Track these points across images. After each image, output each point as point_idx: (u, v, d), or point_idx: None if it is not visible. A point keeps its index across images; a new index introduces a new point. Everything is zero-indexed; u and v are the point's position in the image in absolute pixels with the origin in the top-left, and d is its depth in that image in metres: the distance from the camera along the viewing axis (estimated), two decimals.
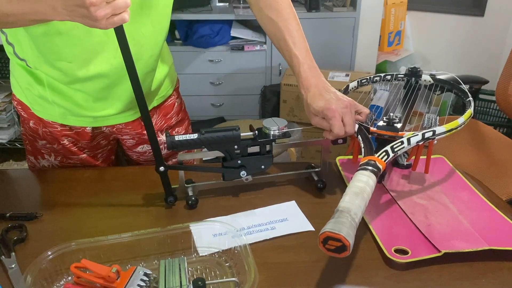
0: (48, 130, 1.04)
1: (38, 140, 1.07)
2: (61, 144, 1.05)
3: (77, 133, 1.04)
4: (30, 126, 1.05)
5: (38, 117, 1.03)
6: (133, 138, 1.10)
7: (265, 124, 0.92)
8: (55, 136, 1.04)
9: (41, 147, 1.08)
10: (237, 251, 0.74)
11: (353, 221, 0.66)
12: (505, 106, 1.78)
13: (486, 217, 0.86)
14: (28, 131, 1.07)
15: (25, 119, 1.05)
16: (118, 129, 1.07)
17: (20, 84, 1.01)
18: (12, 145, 2.79)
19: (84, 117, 1.02)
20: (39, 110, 1.02)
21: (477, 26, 2.87)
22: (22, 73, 0.98)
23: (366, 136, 0.89)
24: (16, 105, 1.05)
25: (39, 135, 1.05)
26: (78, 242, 0.73)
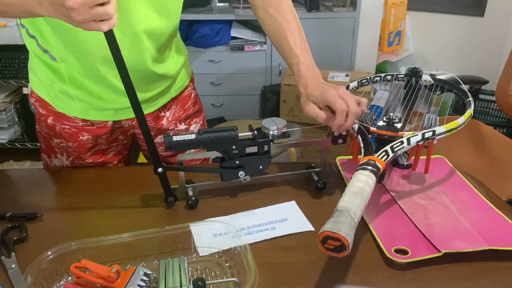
0: (68, 126, 1.04)
1: (53, 138, 1.07)
2: (78, 141, 1.05)
3: (98, 128, 1.05)
4: (48, 123, 1.05)
5: (58, 113, 1.03)
6: (152, 130, 1.10)
7: (264, 124, 0.92)
8: (75, 132, 1.04)
9: (55, 145, 1.08)
10: (237, 251, 0.74)
11: (352, 221, 0.66)
12: (505, 106, 1.78)
13: (486, 217, 0.86)
14: (43, 129, 1.08)
15: (42, 116, 1.06)
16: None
17: (41, 80, 1.02)
18: (12, 145, 2.79)
19: (106, 110, 1.03)
20: (60, 105, 1.02)
21: (477, 26, 2.87)
22: (43, 68, 0.99)
23: (366, 136, 0.89)
24: (34, 102, 1.06)
25: (55, 132, 1.06)
26: (78, 242, 0.73)
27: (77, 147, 1.06)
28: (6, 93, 2.69)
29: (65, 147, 1.07)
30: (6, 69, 2.63)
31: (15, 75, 2.64)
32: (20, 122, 2.77)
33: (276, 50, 1.01)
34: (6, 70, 2.63)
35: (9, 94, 2.71)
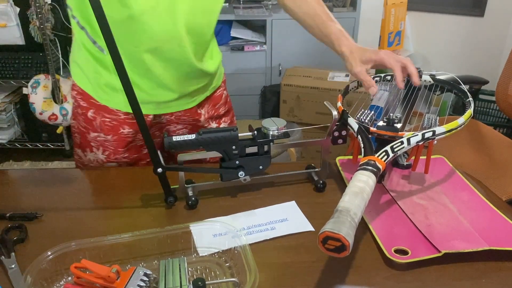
0: (109, 119, 1.05)
1: (90, 132, 1.08)
2: (118, 135, 1.07)
3: None
4: (87, 117, 1.06)
5: (100, 106, 1.05)
6: (186, 127, 1.14)
7: (264, 124, 0.92)
8: (116, 125, 1.06)
9: (92, 139, 1.08)
10: (237, 251, 0.74)
11: (352, 221, 0.66)
12: (505, 106, 1.78)
13: (486, 217, 0.86)
14: (81, 123, 1.08)
15: (82, 109, 1.07)
16: (177, 117, 1.11)
17: (86, 73, 1.04)
18: (12, 145, 2.79)
19: (148, 104, 1.04)
20: (104, 98, 1.04)
21: (477, 26, 2.87)
22: (90, 61, 1.01)
23: (366, 136, 0.89)
24: (76, 95, 1.07)
25: (93, 126, 1.07)
26: (78, 242, 0.73)
27: (116, 140, 1.07)
28: (6, 93, 2.70)
29: (103, 141, 1.08)
30: (6, 69, 2.63)
31: (15, 75, 2.64)
32: (20, 122, 2.78)
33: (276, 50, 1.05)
34: (6, 70, 2.63)
35: (9, 94, 2.71)
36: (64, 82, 2.58)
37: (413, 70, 0.98)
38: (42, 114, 2.52)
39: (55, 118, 2.54)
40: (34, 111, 2.52)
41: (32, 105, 2.50)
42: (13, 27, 2.51)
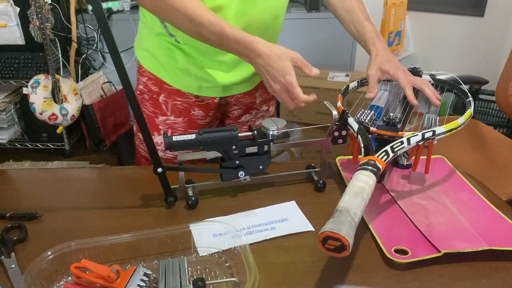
0: (181, 101, 1.13)
1: (159, 115, 1.14)
2: (189, 116, 1.14)
3: (207, 104, 1.15)
4: (158, 101, 1.13)
5: (172, 90, 1.12)
6: (241, 108, 1.23)
7: (264, 124, 0.92)
8: (187, 108, 1.13)
9: (160, 123, 1.15)
10: (237, 251, 0.74)
11: (352, 221, 0.66)
12: (505, 106, 1.78)
13: (486, 217, 0.86)
14: (148, 108, 1.15)
15: (153, 94, 1.13)
16: (236, 99, 1.19)
17: (160, 60, 1.11)
18: (12, 145, 2.79)
19: (216, 87, 1.12)
20: (178, 82, 1.11)
21: (477, 26, 2.87)
22: (166, 48, 1.08)
23: (366, 136, 0.89)
24: (146, 81, 1.14)
25: (162, 110, 1.13)
26: (78, 242, 0.73)
27: (186, 121, 1.15)
28: (6, 93, 2.70)
29: (172, 123, 1.15)
30: (6, 69, 2.63)
31: (15, 75, 2.64)
32: (20, 122, 2.78)
33: None
34: (6, 70, 2.63)
35: (9, 94, 2.71)
36: (64, 82, 2.58)
37: (429, 93, 1.01)
38: (42, 114, 2.52)
39: (55, 118, 2.55)
40: (34, 111, 2.52)
41: (32, 105, 2.50)
42: (13, 27, 2.51)
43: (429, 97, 1.01)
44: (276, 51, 0.91)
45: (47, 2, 2.44)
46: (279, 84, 0.92)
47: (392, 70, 1.02)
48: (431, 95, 1.01)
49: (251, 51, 0.91)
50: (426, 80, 1.06)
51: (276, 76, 0.91)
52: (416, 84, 1.02)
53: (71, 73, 2.79)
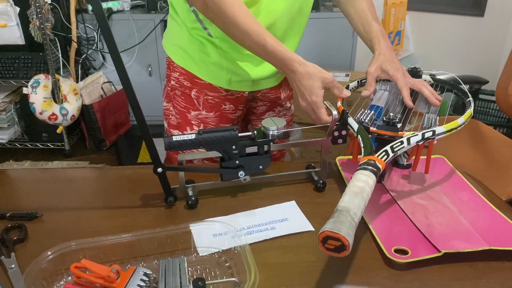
0: (212, 96, 1.15)
1: (191, 110, 1.16)
2: (220, 111, 1.17)
3: (237, 98, 1.17)
4: (190, 96, 1.15)
5: (204, 84, 1.13)
6: (266, 104, 1.26)
7: (264, 124, 0.92)
8: (218, 102, 1.15)
9: (192, 117, 1.17)
10: (237, 251, 0.74)
11: (352, 221, 0.66)
12: (505, 106, 1.78)
13: (486, 217, 0.86)
14: (180, 103, 1.17)
15: (185, 89, 1.15)
16: (262, 94, 1.22)
17: (192, 55, 1.12)
18: (12, 145, 2.79)
19: (246, 81, 1.15)
20: (209, 75, 1.13)
21: (477, 26, 2.87)
22: (198, 42, 1.10)
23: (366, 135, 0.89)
24: (178, 76, 1.15)
25: (194, 105, 1.15)
26: (78, 242, 0.73)
27: (218, 116, 1.17)
28: (6, 93, 2.70)
29: (204, 118, 1.17)
30: (6, 69, 2.63)
31: (15, 75, 2.64)
32: (20, 122, 2.78)
33: None
34: (6, 70, 2.63)
35: (9, 94, 2.71)
36: (64, 82, 2.58)
37: (427, 93, 1.02)
38: (42, 114, 2.52)
39: (55, 118, 2.55)
40: (34, 111, 2.52)
41: (32, 105, 2.50)
42: (13, 27, 2.51)
43: (428, 97, 1.02)
44: (309, 70, 0.95)
45: (47, 2, 2.44)
46: (305, 102, 0.97)
47: (392, 71, 1.03)
48: (430, 96, 1.02)
49: (287, 67, 0.96)
50: (425, 82, 1.07)
51: (304, 93, 0.96)
52: (415, 86, 1.04)
53: (71, 73, 2.79)
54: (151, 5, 2.79)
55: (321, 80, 0.94)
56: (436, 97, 1.02)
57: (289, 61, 0.95)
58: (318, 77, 0.94)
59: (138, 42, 2.79)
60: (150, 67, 2.92)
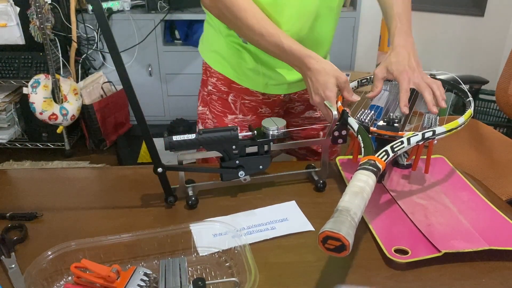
0: (249, 100, 1.17)
1: (228, 114, 1.19)
2: (257, 114, 1.19)
3: (274, 101, 1.19)
4: (227, 100, 1.18)
5: (241, 89, 1.16)
6: (303, 104, 1.26)
7: (264, 124, 0.92)
8: (255, 106, 1.18)
9: (229, 121, 1.19)
10: (237, 251, 0.74)
11: (352, 221, 0.66)
12: (505, 106, 1.78)
13: (486, 217, 0.86)
14: (217, 108, 1.19)
15: (222, 93, 1.17)
16: (299, 95, 1.23)
17: (229, 61, 1.14)
18: (12, 145, 2.79)
19: (281, 85, 1.16)
20: (246, 81, 1.15)
21: (477, 26, 2.87)
22: (235, 49, 1.12)
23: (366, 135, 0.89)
24: (216, 81, 1.17)
25: (231, 109, 1.18)
26: (78, 242, 0.73)
27: (255, 119, 1.19)
28: (6, 93, 2.70)
29: (241, 121, 1.19)
30: (6, 69, 2.63)
31: (15, 75, 2.64)
32: (20, 122, 2.78)
33: None
34: (6, 70, 2.63)
35: (9, 94, 2.71)
36: (64, 82, 2.58)
37: (428, 99, 0.97)
38: (42, 114, 2.52)
39: (55, 118, 2.55)
40: (34, 111, 2.52)
41: (32, 105, 2.50)
42: (13, 27, 2.51)
43: (428, 103, 0.97)
44: (325, 66, 0.96)
45: (47, 2, 2.44)
46: (319, 98, 0.97)
47: (396, 72, 1.00)
48: (429, 102, 0.97)
49: (304, 65, 0.97)
50: (439, 83, 1.00)
51: (318, 89, 0.96)
52: (420, 88, 0.99)
53: (71, 73, 2.79)
54: (151, 5, 2.79)
55: (336, 77, 0.96)
56: (439, 104, 0.98)
57: (306, 58, 0.96)
58: (333, 74, 0.96)
59: (138, 42, 2.79)
60: (150, 67, 2.92)
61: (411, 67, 0.99)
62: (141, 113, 0.82)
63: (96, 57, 2.90)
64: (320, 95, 0.97)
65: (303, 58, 0.97)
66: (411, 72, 0.99)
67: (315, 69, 0.96)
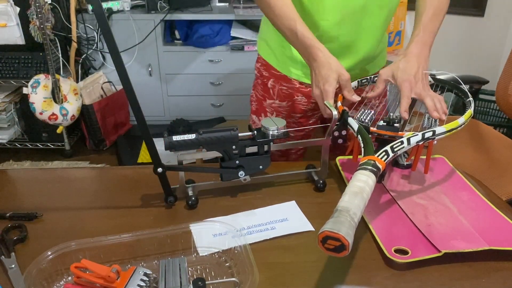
0: (286, 87, 1.21)
1: (267, 99, 1.25)
2: (293, 101, 1.22)
3: (310, 90, 1.18)
4: (267, 85, 1.23)
5: (280, 76, 1.20)
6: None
7: (263, 124, 0.92)
8: (291, 93, 1.21)
9: (267, 105, 1.25)
10: (237, 251, 0.74)
11: (352, 221, 0.66)
12: (505, 106, 1.78)
13: (486, 217, 0.86)
14: (259, 92, 1.26)
15: (264, 79, 1.24)
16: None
17: (272, 47, 1.20)
18: (12, 145, 2.79)
19: None
20: (285, 68, 1.19)
21: (477, 26, 2.87)
22: (276, 36, 1.13)
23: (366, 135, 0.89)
24: (260, 66, 1.26)
25: (270, 94, 1.23)
26: (78, 242, 0.73)
27: (289, 106, 1.23)
28: (6, 93, 2.70)
29: (277, 107, 1.24)
30: (6, 69, 2.63)
31: (15, 75, 2.64)
32: (20, 122, 2.78)
33: None
34: (6, 70, 2.63)
35: (9, 94, 2.71)
36: (64, 82, 2.58)
37: (429, 105, 0.96)
38: (42, 114, 2.52)
39: (55, 118, 2.54)
40: (34, 111, 2.52)
41: (32, 105, 2.50)
42: (13, 27, 2.51)
43: (428, 108, 0.96)
44: (330, 61, 0.97)
45: (47, 2, 2.44)
46: (318, 90, 0.98)
47: (400, 80, 0.98)
48: (430, 107, 0.96)
49: (311, 55, 0.99)
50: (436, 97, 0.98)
51: (319, 81, 0.98)
52: (421, 97, 0.97)
53: (71, 73, 2.79)
54: (151, 5, 2.79)
55: (338, 74, 0.97)
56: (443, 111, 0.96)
57: (314, 49, 0.98)
58: (336, 70, 0.97)
59: (138, 42, 2.79)
60: (150, 67, 2.92)
61: (416, 78, 0.97)
62: (141, 113, 0.82)
63: (96, 57, 2.90)
64: (320, 88, 0.97)
65: (311, 49, 0.98)
66: (414, 82, 0.97)
67: (320, 61, 0.98)
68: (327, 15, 1.06)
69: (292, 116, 1.24)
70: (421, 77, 0.98)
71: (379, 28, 1.13)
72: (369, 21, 1.09)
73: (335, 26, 1.06)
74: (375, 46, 1.16)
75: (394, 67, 1.01)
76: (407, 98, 0.96)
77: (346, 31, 1.08)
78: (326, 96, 0.96)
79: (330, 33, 1.09)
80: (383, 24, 1.13)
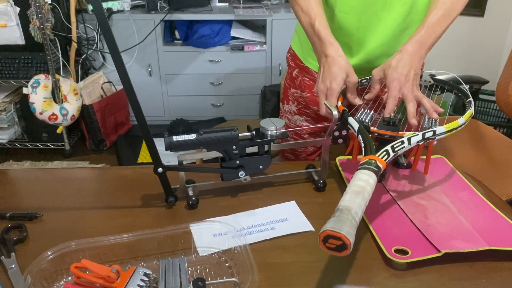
0: (308, 78, 1.23)
1: (291, 88, 1.28)
2: (312, 93, 1.22)
3: None
4: (292, 75, 1.27)
5: (303, 67, 1.23)
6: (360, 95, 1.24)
7: (262, 125, 0.92)
8: (313, 84, 1.20)
9: (290, 94, 1.29)
10: (237, 251, 0.74)
11: (353, 220, 0.66)
12: (505, 106, 1.78)
13: (486, 217, 0.86)
14: (287, 80, 1.31)
15: (290, 68, 1.29)
16: None
17: (301, 39, 1.22)
18: (12, 145, 2.79)
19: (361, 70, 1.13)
20: (308, 60, 1.22)
21: (477, 26, 2.87)
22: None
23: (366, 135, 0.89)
24: (289, 56, 1.30)
25: (294, 83, 1.27)
26: (78, 242, 0.73)
27: (309, 97, 1.24)
28: (6, 93, 2.70)
29: (298, 96, 1.26)
30: (6, 69, 2.63)
31: (15, 75, 2.64)
32: (20, 122, 2.78)
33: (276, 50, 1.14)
34: (6, 70, 2.63)
35: (9, 94, 2.71)
36: (64, 82, 2.58)
37: (428, 107, 0.94)
38: (42, 114, 2.52)
39: (55, 118, 2.54)
40: (34, 111, 2.52)
41: (32, 105, 2.50)
42: (13, 27, 2.51)
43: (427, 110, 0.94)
44: (341, 60, 0.98)
45: (47, 2, 2.44)
46: (323, 86, 0.98)
47: (389, 78, 0.95)
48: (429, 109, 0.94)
49: (323, 50, 1.00)
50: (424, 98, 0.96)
51: (326, 78, 0.98)
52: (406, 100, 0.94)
53: (71, 73, 2.79)
54: (151, 5, 2.79)
55: (347, 74, 0.97)
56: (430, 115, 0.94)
57: (328, 44, 0.99)
58: (346, 70, 0.98)
59: (138, 42, 2.79)
60: (150, 67, 2.92)
61: (406, 77, 0.94)
62: (141, 113, 0.82)
63: (96, 57, 2.90)
64: (326, 84, 0.97)
65: (325, 43, 0.99)
66: (404, 82, 0.94)
67: (331, 57, 0.98)
68: (345, 6, 1.07)
69: (310, 108, 1.25)
70: (412, 78, 0.95)
71: (397, 25, 1.09)
72: (388, 16, 1.07)
73: (352, 18, 1.06)
74: (390, 44, 1.11)
75: (385, 65, 0.98)
76: (394, 99, 0.93)
77: (362, 23, 1.08)
78: (330, 94, 0.96)
79: (346, 25, 1.09)
80: (401, 22, 1.09)
